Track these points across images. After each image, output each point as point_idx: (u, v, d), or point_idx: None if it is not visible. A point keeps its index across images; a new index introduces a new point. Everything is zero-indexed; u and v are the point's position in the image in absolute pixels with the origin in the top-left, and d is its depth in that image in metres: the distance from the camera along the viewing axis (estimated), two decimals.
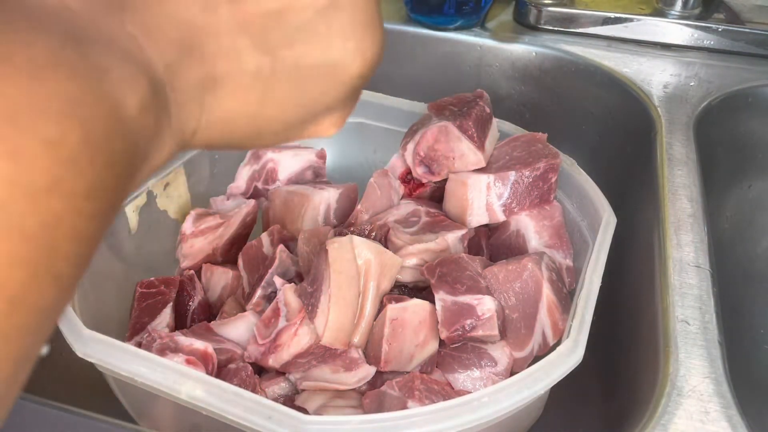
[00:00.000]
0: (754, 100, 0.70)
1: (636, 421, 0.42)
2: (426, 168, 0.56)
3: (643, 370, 0.48)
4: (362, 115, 0.66)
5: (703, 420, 0.41)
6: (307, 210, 0.58)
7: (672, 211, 0.55)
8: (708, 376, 0.43)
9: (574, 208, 0.55)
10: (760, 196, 0.73)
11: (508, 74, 0.78)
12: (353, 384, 0.46)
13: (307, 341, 0.45)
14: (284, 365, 0.46)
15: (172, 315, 0.51)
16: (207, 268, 0.57)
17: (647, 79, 0.71)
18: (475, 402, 0.37)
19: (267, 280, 0.52)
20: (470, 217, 0.54)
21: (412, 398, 0.41)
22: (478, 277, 0.49)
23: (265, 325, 0.47)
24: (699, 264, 0.51)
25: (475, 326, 0.47)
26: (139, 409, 0.49)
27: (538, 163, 0.53)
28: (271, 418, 0.36)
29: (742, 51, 0.74)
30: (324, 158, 0.65)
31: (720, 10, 0.77)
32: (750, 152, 0.71)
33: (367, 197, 0.56)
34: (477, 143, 0.54)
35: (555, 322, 0.48)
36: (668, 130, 0.64)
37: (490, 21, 0.80)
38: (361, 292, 0.46)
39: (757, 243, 0.74)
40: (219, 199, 0.63)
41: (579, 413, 0.58)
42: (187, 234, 0.58)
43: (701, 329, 0.46)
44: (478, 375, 0.47)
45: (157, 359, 0.40)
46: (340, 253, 0.45)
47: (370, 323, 0.46)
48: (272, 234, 0.56)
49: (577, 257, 0.53)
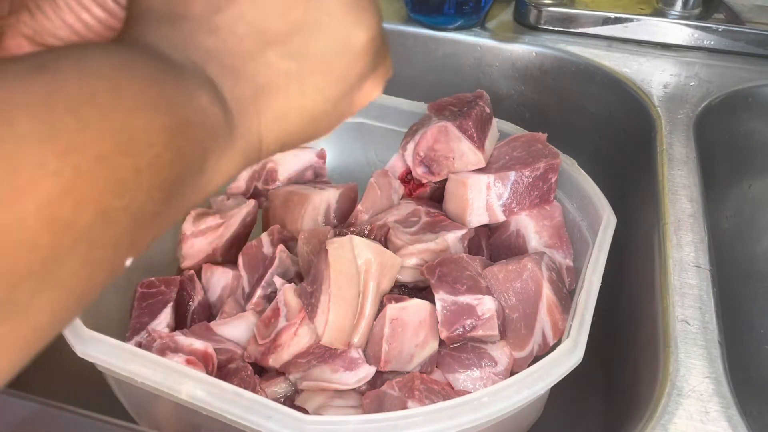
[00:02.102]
0: (754, 100, 0.70)
1: (636, 421, 0.42)
2: (426, 168, 0.56)
3: (643, 370, 0.48)
4: (362, 115, 0.66)
5: (703, 420, 0.41)
6: (307, 210, 0.58)
7: (672, 211, 0.55)
8: (708, 376, 0.43)
9: (574, 208, 0.55)
10: (760, 196, 0.73)
11: (508, 74, 0.78)
12: (353, 384, 0.46)
13: (307, 341, 0.45)
14: (284, 365, 0.46)
15: (172, 315, 0.51)
16: (207, 268, 0.57)
17: (647, 79, 0.71)
18: (475, 402, 0.37)
19: (267, 280, 0.52)
20: (470, 217, 0.54)
21: (412, 398, 0.41)
22: (478, 277, 0.49)
23: (265, 325, 0.47)
24: (699, 264, 0.51)
25: (475, 326, 0.47)
26: (139, 409, 0.49)
27: (538, 163, 0.53)
28: (271, 418, 0.36)
29: (742, 51, 0.74)
30: (324, 158, 0.65)
31: (720, 10, 0.77)
32: (750, 152, 0.71)
33: (367, 197, 0.56)
34: (477, 143, 0.54)
35: (555, 322, 0.48)
36: (668, 130, 0.64)
37: (490, 21, 0.80)
38: (361, 292, 0.46)
39: (757, 243, 0.74)
40: (219, 199, 0.63)
41: (579, 413, 0.58)
42: (187, 234, 0.58)
43: (701, 329, 0.46)
44: (478, 375, 0.47)
45: (157, 359, 0.40)
46: (340, 253, 0.45)
47: (370, 323, 0.46)
48: (272, 234, 0.56)
49: (577, 257, 0.53)
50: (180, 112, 0.22)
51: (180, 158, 0.22)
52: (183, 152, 0.22)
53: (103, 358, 0.40)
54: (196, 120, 0.23)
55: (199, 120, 0.23)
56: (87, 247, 0.19)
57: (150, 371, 0.39)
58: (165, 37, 0.25)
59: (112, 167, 0.19)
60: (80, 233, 0.19)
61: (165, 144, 0.21)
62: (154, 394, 0.39)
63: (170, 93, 0.22)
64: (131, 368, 0.39)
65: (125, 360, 0.39)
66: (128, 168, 0.20)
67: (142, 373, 0.39)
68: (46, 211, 0.18)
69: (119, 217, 0.20)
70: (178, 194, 0.23)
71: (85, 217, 0.19)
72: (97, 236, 0.20)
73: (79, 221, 0.19)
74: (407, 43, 0.79)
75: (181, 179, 0.23)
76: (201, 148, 0.23)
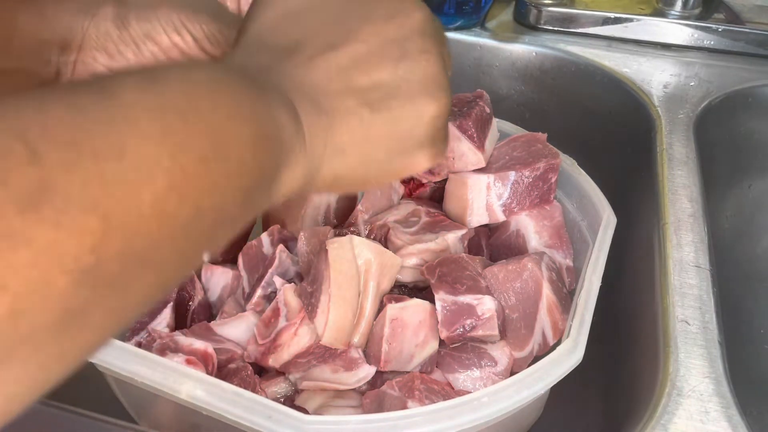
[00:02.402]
0: (754, 100, 0.70)
1: (636, 421, 0.42)
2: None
3: (643, 370, 0.48)
4: None
5: (703, 420, 0.41)
6: (307, 210, 0.58)
7: (672, 211, 0.55)
8: (708, 376, 0.43)
9: (574, 208, 0.55)
10: (760, 196, 0.73)
11: (508, 74, 0.78)
12: (353, 384, 0.46)
13: (307, 341, 0.45)
14: (284, 365, 0.46)
15: (172, 315, 0.51)
16: (207, 268, 0.57)
17: (647, 79, 0.71)
18: (475, 402, 0.37)
19: (267, 280, 0.52)
20: (470, 217, 0.54)
21: (412, 398, 0.41)
22: (478, 277, 0.49)
23: (265, 325, 0.47)
24: (699, 264, 0.51)
25: (475, 326, 0.47)
26: (139, 409, 0.49)
27: (538, 163, 0.53)
28: (271, 418, 0.36)
29: (742, 51, 0.74)
30: None
31: (720, 10, 0.77)
32: (750, 152, 0.71)
33: (367, 197, 0.56)
34: (477, 143, 0.54)
35: (555, 322, 0.48)
36: (668, 130, 0.64)
37: (490, 21, 0.80)
38: (361, 292, 0.46)
39: (757, 243, 0.74)
40: None
41: (579, 413, 0.58)
42: None
43: (701, 329, 0.46)
44: (478, 375, 0.47)
45: (157, 359, 0.40)
46: (340, 253, 0.45)
47: (370, 323, 0.46)
48: (272, 234, 0.56)
49: (577, 257, 0.53)
50: (264, 125, 0.26)
51: (259, 167, 0.25)
52: (262, 161, 0.25)
53: (103, 358, 0.40)
54: (275, 134, 0.26)
55: (278, 135, 0.26)
56: (182, 239, 0.22)
57: (150, 371, 0.39)
58: (262, 64, 0.29)
59: (208, 169, 0.22)
60: (178, 226, 0.21)
61: (251, 152, 0.24)
62: (154, 394, 0.39)
63: (258, 107, 0.26)
64: (131, 368, 0.39)
65: (125, 360, 0.39)
66: (221, 171, 0.23)
67: (142, 373, 0.39)
68: (157, 204, 0.20)
69: (208, 216, 0.23)
70: (253, 200, 0.26)
71: (185, 211, 0.21)
72: (190, 230, 0.22)
73: (180, 215, 0.21)
74: None
75: (257, 186, 0.25)
76: (276, 160, 0.27)
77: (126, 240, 0.20)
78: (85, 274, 0.19)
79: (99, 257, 0.19)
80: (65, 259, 0.18)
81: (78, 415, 0.39)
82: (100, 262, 0.19)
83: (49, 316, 0.18)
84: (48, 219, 0.18)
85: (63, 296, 0.18)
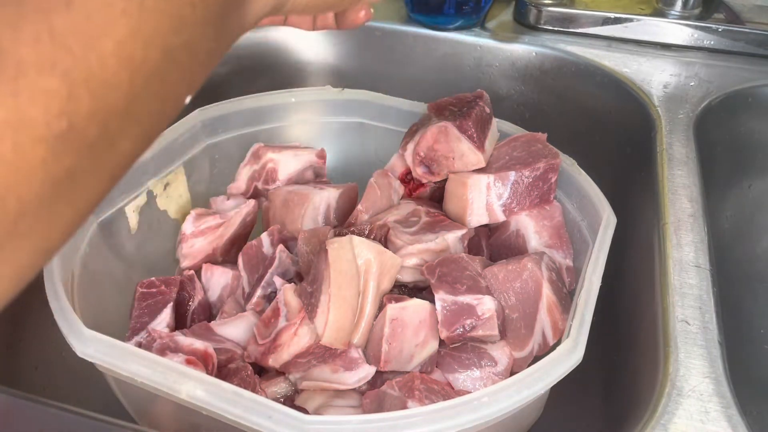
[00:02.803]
0: (754, 100, 0.70)
1: (636, 421, 0.42)
2: (426, 168, 0.57)
3: (643, 370, 0.48)
4: (362, 115, 0.66)
5: (703, 420, 0.41)
6: (307, 210, 0.58)
7: (672, 211, 0.55)
8: (708, 376, 0.43)
9: (574, 208, 0.55)
10: (760, 196, 0.73)
11: (508, 74, 0.78)
12: (353, 384, 0.46)
13: (306, 341, 0.45)
14: (284, 365, 0.46)
15: (172, 315, 0.51)
16: (207, 268, 0.57)
17: (647, 79, 0.71)
18: (475, 402, 0.37)
19: (267, 280, 0.52)
20: (470, 217, 0.54)
21: (412, 398, 0.41)
22: (478, 277, 0.49)
23: (265, 325, 0.47)
24: (699, 264, 0.51)
25: (475, 326, 0.47)
26: (139, 409, 0.49)
27: (538, 163, 0.53)
28: (271, 418, 0.36)
29: (742, 51, 0.74)
30: (324, 158, 0.65)
31: (720, 10, 0.77)
32: (750, 152, 0.71)
33: (367, 197, 0.56)
34: (477, 143, 0.54)
35: (555, 322, 0.48)
36: (668, 130, 0.64)
37: (490, 21, 0.80)
38: (361, 292, 0.46)
39: (757, 243, 0.74)
40: (219, 199, 0.63)
41: (579, 413, 0.58)
42: (187, 234, 0.58)
43: (701, 329, 0.46)
44: (478, 375, 0.47)
45: (157, 359, 0.40)
46: (340, 253, 0.45)
47: (370, 323, 0.46)
48: (272, 234, 0.56)
49: (577, 257, 0.53)
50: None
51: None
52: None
53: (103, 358, 0.40)
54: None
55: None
56: (158, 85, 0.21)
57: (150, 371, 0.39)
58: None
59: (169, 3, 0.21)
60: (151, 71, 0.20)
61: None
62: (154, 394, 0.39)
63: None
64: (131, 368, 0.39)
65: (125, 360, 0.39)
66: (185, 3, 0.21)
67: (142, 373, 0.39)
68: (122, 51, 0.19)
69: (181, 55, 0.22)
70: (225, 28, 0.24)
71: (153, 54, 0.20)
72: (165, 73, 0.21)
73: (149, 59, 0.20)
74: (407, 43, 0.79)
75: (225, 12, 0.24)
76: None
77: (96, 97, 0.18)
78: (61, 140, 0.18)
79: (71, 120, 0.18)
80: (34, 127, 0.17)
81: (78, 415, 0.39)
82: (74, 124, 0.18)
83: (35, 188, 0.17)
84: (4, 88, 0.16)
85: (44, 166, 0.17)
